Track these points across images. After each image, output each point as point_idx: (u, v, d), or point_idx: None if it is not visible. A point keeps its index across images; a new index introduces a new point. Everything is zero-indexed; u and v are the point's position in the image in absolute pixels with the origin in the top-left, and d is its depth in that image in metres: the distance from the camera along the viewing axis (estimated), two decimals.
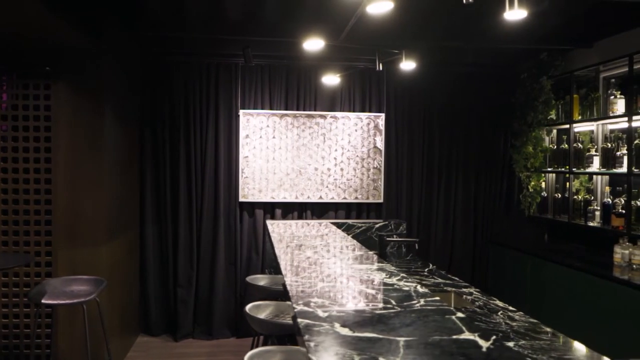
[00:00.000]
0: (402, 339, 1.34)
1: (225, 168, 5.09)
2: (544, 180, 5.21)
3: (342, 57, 4.88)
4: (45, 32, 3.42)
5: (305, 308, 1.62)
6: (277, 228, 3.68)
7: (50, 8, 2.93)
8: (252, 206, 5.14)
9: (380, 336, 1.36)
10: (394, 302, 1.71)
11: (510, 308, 2.57)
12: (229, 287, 5.05)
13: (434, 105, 5.37)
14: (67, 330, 3.83)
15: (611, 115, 4.23)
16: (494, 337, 1.38)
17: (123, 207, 4.42)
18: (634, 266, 3.86)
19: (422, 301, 1.75)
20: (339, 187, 5.18)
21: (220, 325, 5.01)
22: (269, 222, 4.12)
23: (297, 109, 5.19)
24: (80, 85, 3.83)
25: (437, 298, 1.76)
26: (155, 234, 5.04)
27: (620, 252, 3.97)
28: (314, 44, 3.33)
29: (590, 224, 4.43)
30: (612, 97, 4.23)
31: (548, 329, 2.24)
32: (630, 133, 3.98)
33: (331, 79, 4.57)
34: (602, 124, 4.58)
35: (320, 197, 5.16)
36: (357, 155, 5.21)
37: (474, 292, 2.88)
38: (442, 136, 5.38)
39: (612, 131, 4.40)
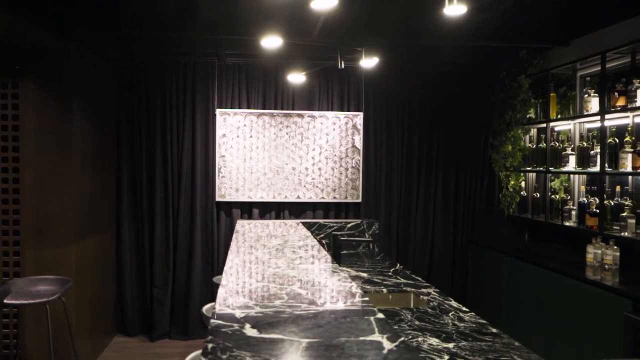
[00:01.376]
0: (305, 341, 1.31)
1: (202, 167, 5.07)
2: (523, 180, 5.17)
3: (318, 57, 4.85)
4: (11, 32, 3.41)
5: (226, 309, 1.59)
6: (243, 228, 3.65)
7: (15, 9, 2.92)
8: (230, 206, 5.12)
9: (286, 337, 1.33)
10: (319, 303, 1.69)
11: (463, 309, 2.54)
12: (206, 288, 5.02)
13: (414, 104, 5.33)
14: (34, 330, 3.82)
15: (586, 113, 4.19)
16: (402, 339, 1.35)
17: (96, 207, 4.41)
18: (606, 266, 3.82)
19: (349, 302, 1.73)
20: (317, 186, 5.16)
21: (197, 325, 4.99)
22: (239, 222, 4.09)
23: (275, 108, 5.16)
24: (49, 85, 3.82)
25: (367, 299, 1.73)
26: (132, 234, 5.03)
27: (593, 252, 3.93)
28: (272, 42, 3.31)
29: (567, 223, 4.39)
30: (587, 95, 4.19)
31: (494, 330, 2.21)
32: (602, 132, 3.94)
33: (296, 77, 4.53)
34: (579, 123, 4.54)
35: (298, 197, 5.14)
36: (335, 155, 5.18)
37: (432, 293, 2.85)
38: (422, 135, 5.35)
39: (590, 130, 4.35)
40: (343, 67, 3.75)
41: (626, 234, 3.68)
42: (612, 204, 3.94)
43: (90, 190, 4.27)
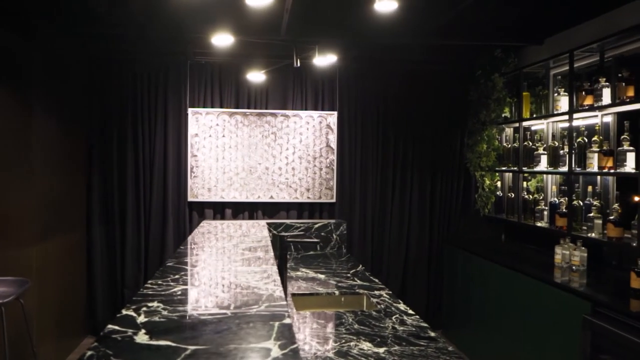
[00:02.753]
0: (192, 347, 1.26)
1: (174, 167, 5.03)
2: (498, 180, 5.11)
3: (287, 55, 4.80)
4: None
5: (131, 313, 1.54)
6: (202, 228, 3.61)
7: None
8: (202, 206, 5.07)
9: (173, 344, 1.29)
10: (232, 307, 1.64)
11: (409, 312, 2.48)
12: None
13: (389, 103, 5.28)
14: None
15: (555, 112, 4.14)
16: (294, 346, 1.30)
17: (62, 207, 4.36)
18: (574, 267, 3.76)
19: (263, 306, 1.67)
20: (291, 186, 5.11)
21: None
22: (203, 222, 4.05)
23: (249, 107, 5.11)
24: (7, 83, 3.77)
25: (284, 303, 1.68)
26: (103, 234, 4.98)
27: (561, 253, 3.88)
28: (223, 40, 3.26)
29: (539, 224, 4.34)
30: (557, 94, 4.13)
31: (432, 334, 2.16)
32: (571, 131, 3.88)
33: (255, 76, 4.48)
34: (553, 122, 4.49)
35: (271, 197, 5.09)
36: (309, 155, 5.13)
37: (383, 295, 2.80)
38: (398, 135, 5.29)
39: (563, 129, 4.30)
40: (299, 65, 3.70)
41: (593, 234, 3.63)
42: (581, 204, 3.89)
43: (55, 190, 4.22)
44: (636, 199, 3.27)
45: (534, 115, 4.52)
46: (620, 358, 2.76)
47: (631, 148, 3.32)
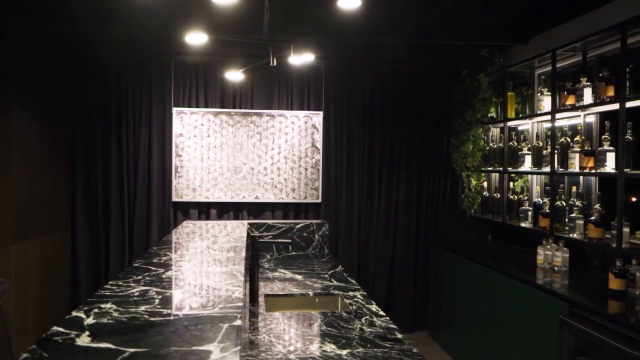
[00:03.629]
0: (131, 350, 1.24)
1: (159, 167, 5.00)
2: (485, 180, 5.09)
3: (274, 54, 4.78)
4: None
5: (80, 315, 1.52)
6: (182, 228, 3.58)
7: None
8: (187, 206, 5.05)
9: (114, 347, 1.26)
10: (187, 308, 1.61)
11: (380, 313, 2.46)
12: None
13: (375, 103, 5.25)
14: None
15: (539, 112, 4.12)
16: (236, 349, 1.27)
17: (44, 207, 4.33)
18: (556, 268, 3.74)
19: (218, 308, 1.65)
20: (276, 187, 5.08)
21: None
22: (184, 223, 4.02)
23: (234, 107, 5.09)
24: None
25: (240, 304, 1.66)
26: (87, 234, 4.95)
27: (543, 254, 3.86)
28: (196, 38, 3.23)
29: (523, 224, 4.31)
30: (540, 94, 4.11)
31: (399, 336, 2.13)
32: (553, 131, 3.86)
33: (234, 75, 4.45)
34: (538, 122, 4.47)
35: (257, 197, 5.06)
36: (295, 155, 5.11)
37: (358, 296, 2.77)
38: (384, 135, 5.27)
39: (548, 129, 4.27)
40: (275, 64, 3.67)
41: (575, 235, 3.61)
42: (564, 204, 3.87)
43: (36, 190, 4.20)
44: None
45: (520, 115, 4.50)
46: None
47: (611, 148, 3.29)
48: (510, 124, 4.64)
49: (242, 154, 5.05)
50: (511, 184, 4.69)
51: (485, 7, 4.44)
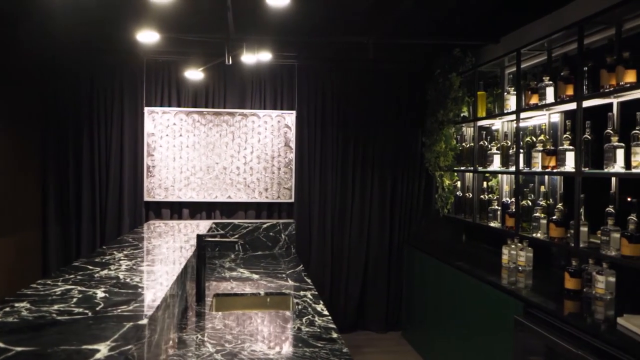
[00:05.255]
0: (18, 349, 1.19)
1: (131, 167, 4.98)
2: (458, 180, 5.08)
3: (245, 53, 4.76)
4: None
5: None
6: (142, 229, 3.57)
7: None
8: (159, 206, 5.03)
9: (3, 346, 1.24)
10: (100, 307, 1.60)
11: (324, 313, 2.44)
12: None
13: (349, 102, 5.24)
14: None
15: (505, 112, 4.11)
16: (125, 348, 1.26)
17: (11, 207, 4.32)
18: (520, 268, 3.73)
19: (132, 306, 1.63)
20: (249, 186, 5.07)
21: None
22: (148, 223, 4.01)
23: (207, 106, 5.07)
24: None
25: (156, 304, 1.65)
26: (59, 235, 4.93)
27: (508, 253, 3.85)
28: (148, 37, 3.22)
29: (492, 224, 4.30)
30: (507, 93, 4.10)
31: (335, 336, 2.12)
32: (518, 130, 3.85)
33: (193, 74, 4.43)
34: (508, 122, 4.45)
35: (229, 197, 5.04)
36: (267, 154, 5.09)
37: (308, 296, 2.76)
38: (358, 134, 5.26)
39: (520, 129, 4.26)
40: (230, 63, 3.66)
41: (538, 235, 3.59)
42: (530, 204, 3.85)
43: (5, 189, 4.18)
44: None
45: (490, 115, 4.49)
46: None
47: (571, 147, 3.28)
48: (483, 123, 4.63)
49: (214, 154, 5.03)
50: (485, 183, 4.68)
51: (457, 5, 4.44)
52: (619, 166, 2.90)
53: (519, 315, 2.96)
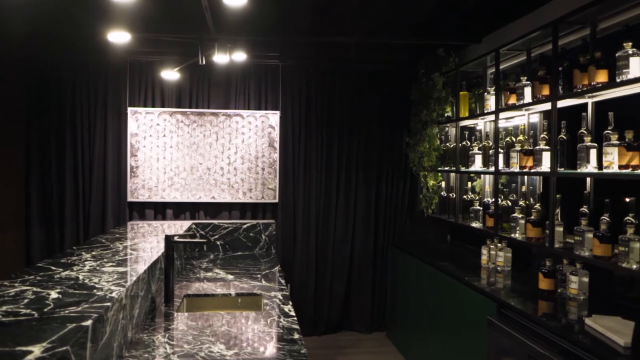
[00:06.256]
0: None
1: (114, 167, 4.98)
2: (442, 180, 5.07)
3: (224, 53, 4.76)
4: None
5: None
6: (120, 228, 3.56)
7: None
8: (143, 206, 5.02)
9: None
10: (49, 308, 1.59)
11: (290, 314, 2.43)
12: None
13: (334, 102, 5.23)
14: None
15: (486, 112, 4.10)
16: (60, 349, 1.25)
17: None
18: (499, 268, 3.72)
19: (82, 307, 1.62)
20: (232, 187, 5.06)
21: None
22: (129, 223, 4.00)
23: (190, 107, 5.07)
24: None
25: (107, 305, 1.64)
26: (43, 235, 4.92)
27: (487, 254, 3.84)
28: (119, 37, 3.21)
29: (473, 224, 4.29)
30: (487, 93, 4.09)
31: (296, 337, 2.11)
32: (497, 130, 3.84)
33: (170, 74, 4.43)
34: (490, 122, 4.44)
35: (213, 198, 5.04)
36: (251, 154, 5.08)
37: (279, 296, 2.75)
38: (342, 134, 5.25)
39: (501, 129, 4.25)
40: (204, 63, 3.65)
41: (516, 235, 3.58)
42: (510, 204, 3.85)
43: None
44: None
45: (472, 115, 4.48)
46: None
47: (547, 147, 3.28)
48: (466, 123, 4.62)
49: (198, 154, 5.03)
50: (470, 184, 4.67)
51: (440, 5, 4.43)
52: (592, 166, 2.89)
53: (492, 316, 2.95)
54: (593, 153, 2.90)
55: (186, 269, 3.44)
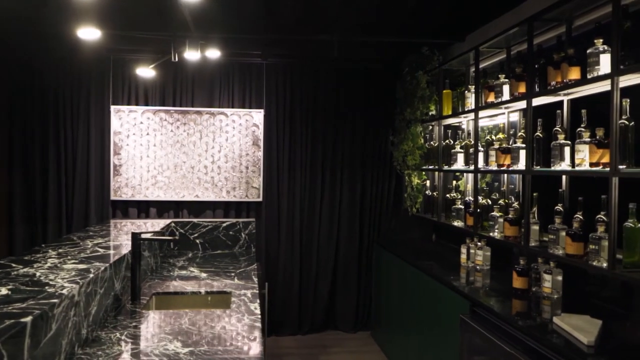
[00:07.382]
0: None
1: (97, 166, 4.96)
2: (426, 179, 5.05)
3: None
4: None
5: None
6: (101, 227, 3.55)
7: None
8: (126, 205, 5.01)
9: None
10: None
11: (256, 312, 2.42)
12: None
13: (318, 101, 5.22)
14: None
15: (466, 110, 4.08)
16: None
17: None
18: (478, 267, 3.70)
19: (27, 304, 1.61)
20: (216, 185, 5.04)
21: None
22: (111, 222, 3.99)
23: (174, 105, 5.05)
24: None
25: (55, 301, 1.62)
26: (26, 234, 4.91)
27: (466, 252, 3.82)
28: (89, 33, 3.20)
29: (455, 223, 4.27)
30: (467, 92, 4.07)
31: (255, 335, 2.09)
32: (476, 129, 3.82)
33: (145, 71, 4.41)
34: (472, 120, 4.41)
35: (197, 196, 5.02)
36: (235, 153, 5.07)
37: (248, 295, 2.74)
38: (327, 133, 5.23)
39: (482, 127, 4.23)
40: (177, 60, 3.64)
41: (495, 234, 3.56)
42: (490, 202, 3.83)
43: None
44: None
45: (454, 113, 4.46)
46: None
47: (523, 145, 3.26)
48: (450, 122, 4.60)
49: (182, 152, 5.01)
50: (454, 182, 4.65)
51: (423, 2, 4.41)
52: (565, 164, 2.87)
53: (464, 314, 2.94)
54: (567, 151, 2.88)
55: (162, 267, 3.42)
